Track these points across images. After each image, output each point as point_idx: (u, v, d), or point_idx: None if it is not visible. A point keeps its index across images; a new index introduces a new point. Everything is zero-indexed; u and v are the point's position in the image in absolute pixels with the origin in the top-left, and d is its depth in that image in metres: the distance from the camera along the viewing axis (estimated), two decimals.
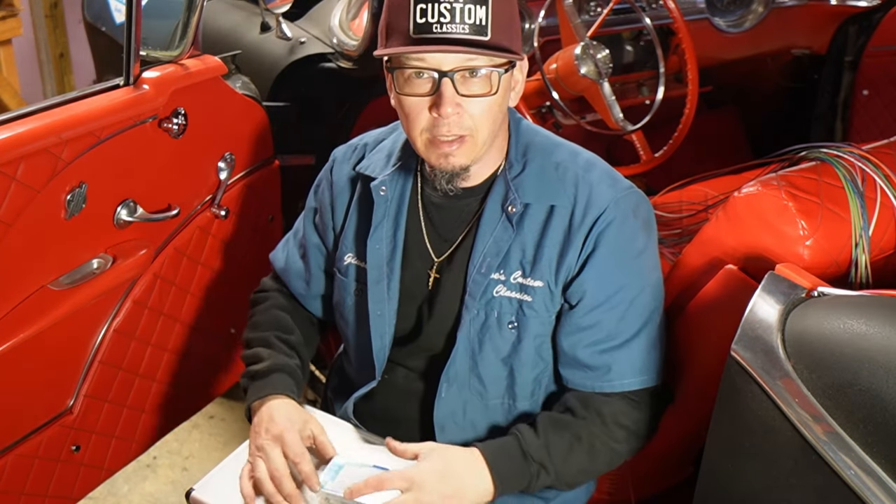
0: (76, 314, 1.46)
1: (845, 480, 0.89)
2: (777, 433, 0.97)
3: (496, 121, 1.13)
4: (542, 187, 1.18)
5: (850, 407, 0.90)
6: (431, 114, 1.09)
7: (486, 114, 1.10)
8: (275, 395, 1.22)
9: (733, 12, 2.59)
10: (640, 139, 2.11)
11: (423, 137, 1.12)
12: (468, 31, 1.04)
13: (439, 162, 1.13)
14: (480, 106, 1.09)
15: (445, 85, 1.06)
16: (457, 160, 1.12)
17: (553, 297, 1.19)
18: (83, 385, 1.54)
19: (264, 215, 1.92)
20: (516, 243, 1.17)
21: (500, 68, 1.08)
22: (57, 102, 1.35)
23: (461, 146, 1.11)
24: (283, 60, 2.07)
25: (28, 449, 1.46)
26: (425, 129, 1.11)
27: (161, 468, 1.73)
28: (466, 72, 1.07)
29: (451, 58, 1.06)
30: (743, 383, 1.01)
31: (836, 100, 2.67)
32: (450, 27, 1.03)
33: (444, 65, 1.06)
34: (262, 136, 1.83)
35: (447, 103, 1.07)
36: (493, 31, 1.05)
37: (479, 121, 1.10)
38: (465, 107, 1.09)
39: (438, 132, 1.10)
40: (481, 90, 1.08)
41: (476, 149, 1.13)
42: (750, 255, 1.28)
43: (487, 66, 1.07)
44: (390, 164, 1.26)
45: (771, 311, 1.05)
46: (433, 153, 1.13)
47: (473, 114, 1.09)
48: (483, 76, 1.08)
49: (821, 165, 1.33)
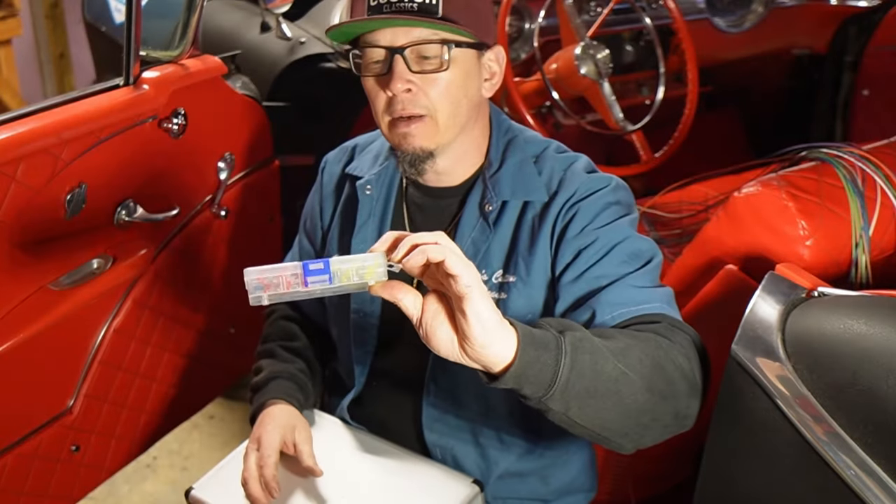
0: (76, 314, 1.46)
1: (845, 481, 0.89)
2: (777, 433, 0.97)
3: (458, 103, 1.10)
4: (517, 182, 1.16)
5: (850, 407, 0.90)
6: (387, 93, 1.08)
7: (443, 93, 1.08)
8: (271, 401, 1.22)
9: (733, 12, 2.59)
10: (640, 139, 2.11)
11: (385, 120, 1.12)
12: (416, 7, 1.04)
13: (400, 143, 1.11)
14: (437, 85, 1.08)
15: (396, 61, 1.06)
16: (417, 141, 1.10)
17: (530, 291, 1.14)
18: (83, 385, 1.54)
19: (264, 215, 1.92)
20: (496, 242, 1.15)
21: (452, 44, 1.07)
22: (57, 102, 1.35)
23: (420, 125, 1.09)
24: (283, 60, 2.07)
25: (28, 449, 1.46)
26: (384, 110, 1.11)
27: (161, 468, 1.73)
28: (420, 48, 1.07)
29: (403, 36, 1.06)
30: (743, 383, 1.01)
31: (836, 100, 2.67)
32: (400, 5, 1.05)
33: (395, 42, 1.06)
34: (261, 136, 1.83)
35: (397, 79, 1.06)
36: (445, 8, 1.05)
37: (437, 100, 1.09)
38: (421, 85, 1.08)
39: (394, 111, 1.09)
40: (434, 67, 1.07)
41: (437, 131, 1.10)
42: (750, 255, 1.28)
43: (438, 40, 1.06)
44: (377, 164, 1.25)
45: (771, 311, 1.05)
46: (395, 134, 1.12)
47: (429, 93, 1.08)
48: (435, 53, 1.07)
49: (821, 165, 1.33)
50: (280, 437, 1.16)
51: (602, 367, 0.89)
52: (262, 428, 1.17)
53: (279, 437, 1.16)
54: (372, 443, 1.24)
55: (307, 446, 1.17)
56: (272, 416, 1.20)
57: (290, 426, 1.19)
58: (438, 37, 1.06)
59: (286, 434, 1.17)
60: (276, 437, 1.16)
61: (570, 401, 0.89)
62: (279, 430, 1.17)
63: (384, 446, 1.23)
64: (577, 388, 0.88)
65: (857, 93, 2.61)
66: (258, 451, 1.15)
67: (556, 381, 0.87)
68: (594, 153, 1.28)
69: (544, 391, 0.87)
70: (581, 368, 0.88)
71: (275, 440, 1.15)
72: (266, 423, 1.18)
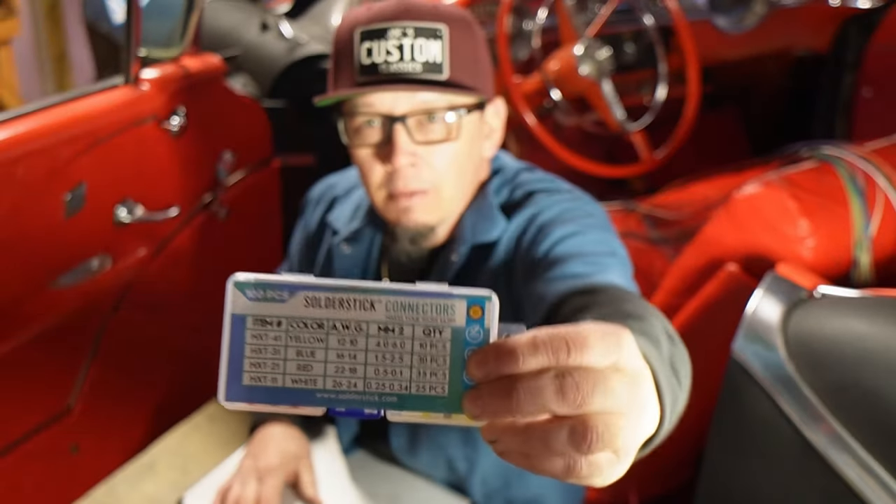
0: (76, 314, 1.46)
1: (847, 481, 0.88)
2: (778, 433, 0.97)
3: (463, 173, 0.98)
4: (479, 222, 1.02)
5: (851, 407, 0.90)
6: (385, 167, 0.95)
7: (450, 165, 0.96)
8: (274, 418, 1.18)
9: (734, 12, 2.59)
10: (641, 139, 2.10)
11: (381, 194, 0.98)
12: (420, 69, 0.91)
13: (399, 218, 0.98)
14: (443, 155, 0.95)
15: (398, 132, 0.92)
16: (418, 216, 0.98)
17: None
18: (83, 385, 1.54)
19: (264, 215, 1.92)
20: None
21: (462, 109, 0.94)
22: (57, 102, 1.35)
23: (423, 199, 0.97)
24: (283, 60, 2.07)
25: (27, 449, 1.46)
26: (381, 184, 0.97)
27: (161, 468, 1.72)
28: (423, 116, 0.93)
29: (405, 102, 0.92)
30: (744, 384, 1.00)
31: (836, 100, 2.66)
32: (399, 66, 0.91)
33: (395, 109, 0.92)
34: (261, 136, 1.83)
35: (400, 153, 0.92)
36: (452, 67, 0.92)
37: (442, 173, 0.96)
38: (425, 157, 0.95)
39: (395, 188, 0.96)
40: (441, 136, 0.94)
41: (441, 206, 0.98)
42: (750, 255, 1.27)
43: (446, 107, 0.93)
44: (356, 218, 1.13)
45: (772, 311, 1.04)
46: (392, 209, 0.98)
47: (434, 165, 0.95)
48: (442, 120, 0.93)
49: (822, 165, 1.33)
50: (283, 475, 1.12)
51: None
52: (268, 459, 1.12)
53: (283, 477, 1.12)
54: (369, 465, 1.22)
55: (309, 476, 1.14)
56: (276, 440, 1.15)
57: (294, 456, 1.14)
58: (446, 101, 0.93)
59: (289, 466, 1.13)
60: (279, 479, 1.11)
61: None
62: (283, 468, 1.12)
63: (384, 468, 1.21)
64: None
65: (858, 93, 2.60)
66: (259, 483, 1.10)
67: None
68: (594, 153, 1.28)
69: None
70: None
71: (278, 482, 1.10)
72: (271, 453, 1.13)
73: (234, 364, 0.47)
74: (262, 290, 0.46)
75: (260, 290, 0.46)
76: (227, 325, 0.47)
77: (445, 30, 0.92)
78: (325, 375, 0.46)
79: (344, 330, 0.46)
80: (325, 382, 0.46)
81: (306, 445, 1.19)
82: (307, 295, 0.46)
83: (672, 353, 0.67)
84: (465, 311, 0.46)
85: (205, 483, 1.21)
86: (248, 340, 0.47)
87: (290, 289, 0.46)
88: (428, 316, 0.46)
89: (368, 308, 0.46)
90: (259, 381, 0.47)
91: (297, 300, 0.46)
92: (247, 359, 0.47)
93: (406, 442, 1.15)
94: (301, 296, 0.46)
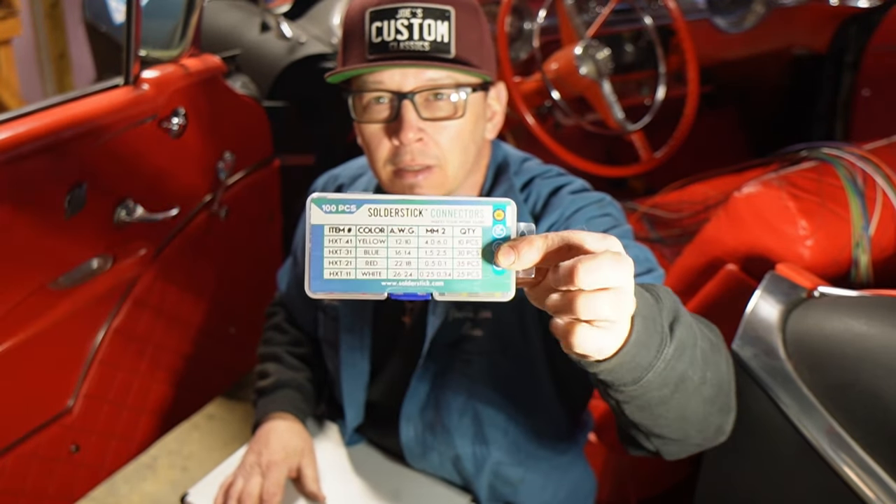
0: (76, 314, 1.46)
1: (846, 480, 0.89)
2: (777, 433, 0.97)
3: (467, 150, 1.02)
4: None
5: (850, 407, 0.90)
6: (392, 142, 0.99)
7: (454, 141, 0.99)
8: (277, 414, 1.19)
9: (734, 12, 2.59)
10: (640, 139, 2.11)
11: (387, 170, 1.02)
12: (428, 47, 0.94)
13: (405, 194, 1.04)
14: (448, 132, 0.99)
15: (406, 108, 0.96)
16: (425, 193, 1.01)
17: (502, 328, 1.06)
18: (83, 385, 1.53)
19: (264, 215, 1.92)
20: None
21: (468, 87, 0.98)
22: (57, 102, 1.35)
23: (428, 176, 1.00)
24: (283, 60, 2.07)
25: (28, 449, 1.46)
26: (388, 160, 1.01)
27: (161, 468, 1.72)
28: (429, 93, 0.97)
29: (412, 79, 0.96)
30: (743, 383, 1.01)
31: (836, 100, 2.66)
32: (408, 44, 0.94)
33: (404, 86, 0.96)
34: (261, 136, 1.83)
35: (408, 128, 0.96)
36: (458, 47, 0.96)
37: (448, 149, 1.00)
38: (431, 133, 0.99)
39: (402, 162, 0.99)
40: (447, 113, 0.98)
41: (446, 181, 1.02)
42: (750, 254, 1.28)
43: (452, 85, 0.97)
44: None
45: (771, 311, 1.05)
46: (398, 186, 1.02)
47: (440, 141, 0.99)
48: (448, 97, 0.98)
49: (821, 165, 1.33)
50: (286, 469, 1.14)
51: (689, 376, 0.74)
52: (271, 454, 1.14)
53: (285, 471, 1.13)
54: (372, 460, 1.23)
55: (312, 471, 1.15)
56: (279, 434, 1.16)
57: (297, 451, 1.16)
58: (452, 80, 0.97)
59: (292, 461, 1.15)
60: (282, 472, 1.12)
61: (643, 404, 0.73)
62: (286, 462, 1.14)
63: (386, 463, 1.22)
64: (655, 395, 0.72)
65: (858, 93, 2.60)
66: (262, 477, 1.12)
67: (640, 380, 0.69)
68: (594, 153, 1.28)
69: (626, 386, 0.70)
70: (668, 377, 0.71)
71: (281, 476, 1.12)
72: (274, 447, 1.15)
73: (315, 263, 0.61)
74: (334, 204, 0.61)
75: (332, 205, 0.61)
76: (308, 233, 0.60)
77: (453, 11, 0.96)
78: (387, 268, 0.61)
79: (399, 232, 0.61)
80: (388, 273, 0.61)
81: (309, 440, 1.20)
82: (370, 207, 0.61)
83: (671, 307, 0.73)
84: (492, 214, 0.61)
85: (208, 479, 1.21)
86: (325, 244, 0.61)
87: (357, 203, 0.61)
88: (463, 219, 0.61)
89: (417, 215, 0.61)
90: (336, 274, 0.61)
91: (362, 211, 0.61)
92: (326, 258, 0.61)
93: (416, 436, 1.15)
94: (365, 208, 0.61)
